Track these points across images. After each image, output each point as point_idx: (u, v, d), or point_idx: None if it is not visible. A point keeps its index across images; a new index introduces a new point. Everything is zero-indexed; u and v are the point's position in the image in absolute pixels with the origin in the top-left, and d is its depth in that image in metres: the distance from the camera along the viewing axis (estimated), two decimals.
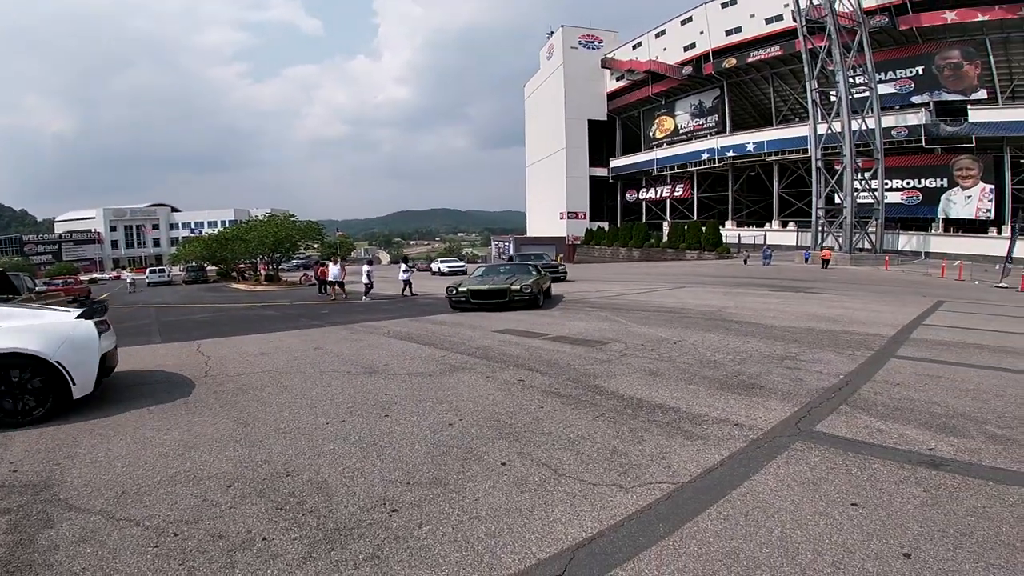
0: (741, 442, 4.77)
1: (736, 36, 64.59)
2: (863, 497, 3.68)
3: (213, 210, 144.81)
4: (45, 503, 4.07)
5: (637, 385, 6.85)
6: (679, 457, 4.45)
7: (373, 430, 5.43)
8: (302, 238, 47.45)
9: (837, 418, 5.39)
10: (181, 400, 6.95)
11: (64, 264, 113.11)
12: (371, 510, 3.70)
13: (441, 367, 8.37)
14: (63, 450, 5.26)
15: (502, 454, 4.64)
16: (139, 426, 5.90)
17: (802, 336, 10.19)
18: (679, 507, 3.62)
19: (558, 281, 26.82)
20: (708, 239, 59.47)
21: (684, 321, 12.48)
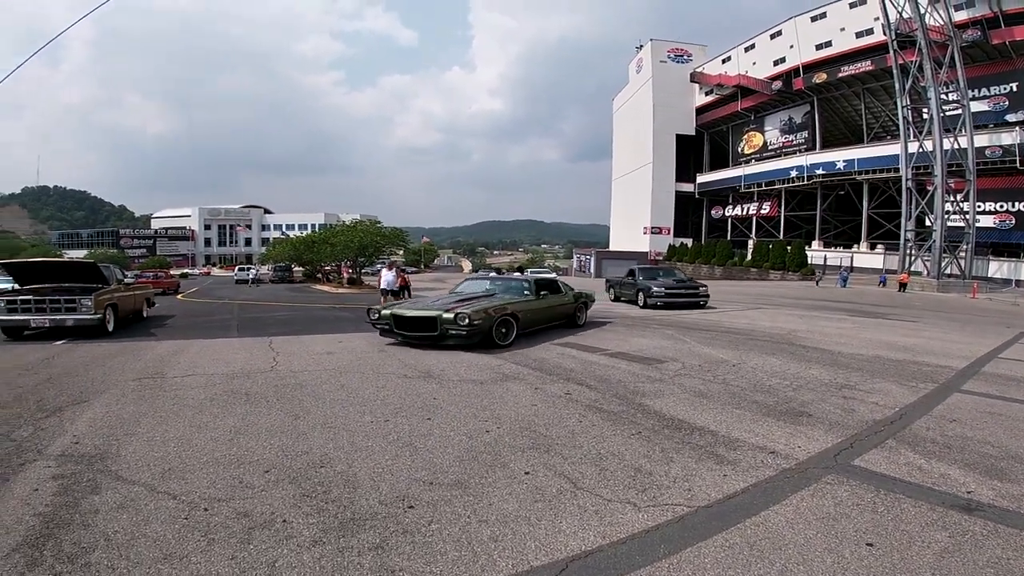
0: (771, 471, 4.71)
1: (826, 51, 62.58)
2: (881, 537, 3.57)
3: (304, 213, 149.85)
4: (96, 472, 4.53)
5: (682, 406, 6.82)
6: (703, 481, 4.44)
7: (413, 431, 5.68)
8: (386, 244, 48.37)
9: (879, 453, 5.22)
10: (244, 391, 7.42)
11: (157, 258, 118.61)
12: (389, 505, 3.93)
13: (494, 376, 8.54)
14: (124, 428, 5.74)
15: (528, 463, 4.76)
16: (198, 412, 6.40)
17: (867, 364, 9.87)
18: (686, 531, 3.62)
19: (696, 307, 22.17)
20: (793, 259, 57.58)
21: (750, 343, 12.26)
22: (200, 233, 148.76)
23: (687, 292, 22.90)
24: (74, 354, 10.63)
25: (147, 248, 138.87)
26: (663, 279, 24.14)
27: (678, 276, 26.00)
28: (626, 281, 25.75)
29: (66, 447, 5.17)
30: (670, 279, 24.45)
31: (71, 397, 7.20)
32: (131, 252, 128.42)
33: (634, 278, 24.80)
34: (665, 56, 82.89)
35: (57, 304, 13.52)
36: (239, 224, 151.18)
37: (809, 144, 67.68)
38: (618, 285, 26.56)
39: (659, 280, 23.72)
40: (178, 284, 44.07)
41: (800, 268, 56.50)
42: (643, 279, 24.04)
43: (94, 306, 13.51)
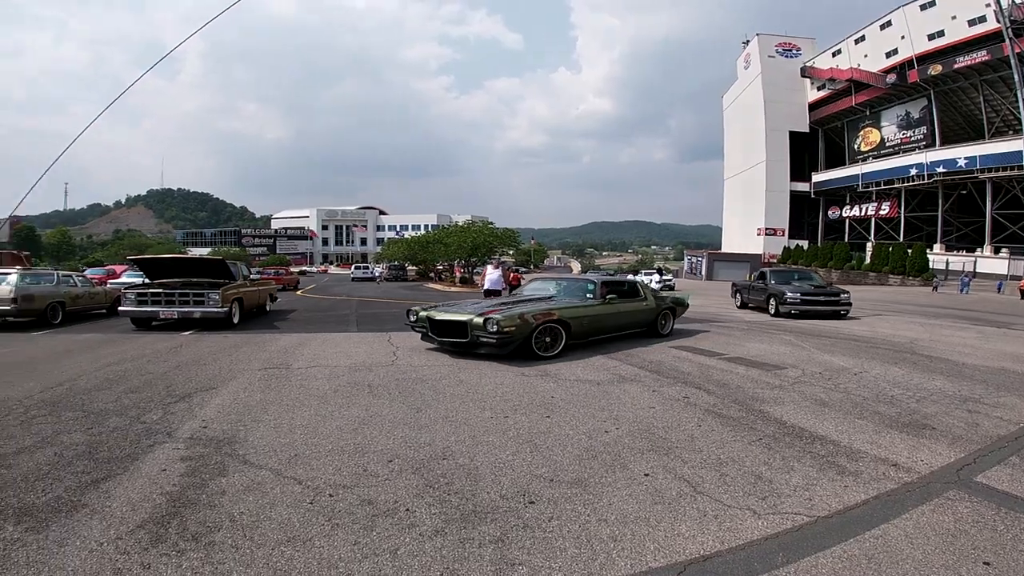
0: (892, 484, 4.55)
1: (939, 40, 59.43)
2: (999, 557, 3.43)
3: (417, 214, 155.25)
4: (224, 456, 4.79)
5: (803, 414, 6.65)
6: (823, 491, 4.34)
7: (532, 428, 5.75)
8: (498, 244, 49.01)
9: (1003, 469, 4.97)
10: (367, 384, 7.70)
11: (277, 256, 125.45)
12: (510, 499, 3.99)
13: (611, 376, 8.53)
14: (251, 415, 6.06)
15: (648, 465, 4.74)
16: (323, 402, 6.69)
17: (992, 377, 9.34)
18: (805, 540, 3.56)
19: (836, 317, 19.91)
20: (913, 263, 54.82)
21: (871, 351, 11.81)
22: (318, 233, 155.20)
23: (827, 299, 20.50)
24: (201, 344, 11.22)
25: (267, 247, 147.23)
26: (799, 283, 21.95)
27: (816, 280, 23.43)
28: (755, 285, 23.91)
29: (195, 431, 5.49)
30: (807, 283, 22.20)
31: (199, 384, 7.63)
32: (252, 250, 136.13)
33: (764, 282, 22.89)
34: (773, 51, 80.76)
35: (186, 297, 14.34)
36: (355, 224, 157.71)
37: (928, 140, 64.32)
38: (746, 290, 24.75)
39: (794, 284, 21.65)
40: (298, 281, 45.77)
41: (921, 273, 53.83)
42: (775, 283, 22.10)
43: (221, 300, 14.31)
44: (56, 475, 4.34)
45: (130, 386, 7.46)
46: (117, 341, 12.19)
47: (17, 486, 4.13)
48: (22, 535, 3.40)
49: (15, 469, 4.47)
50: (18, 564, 3.09)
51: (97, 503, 3.85)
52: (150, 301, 14.39)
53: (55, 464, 4.58)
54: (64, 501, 3.88)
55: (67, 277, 17.48)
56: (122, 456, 4.76)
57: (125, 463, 4.59)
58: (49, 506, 3.80)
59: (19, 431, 5.50)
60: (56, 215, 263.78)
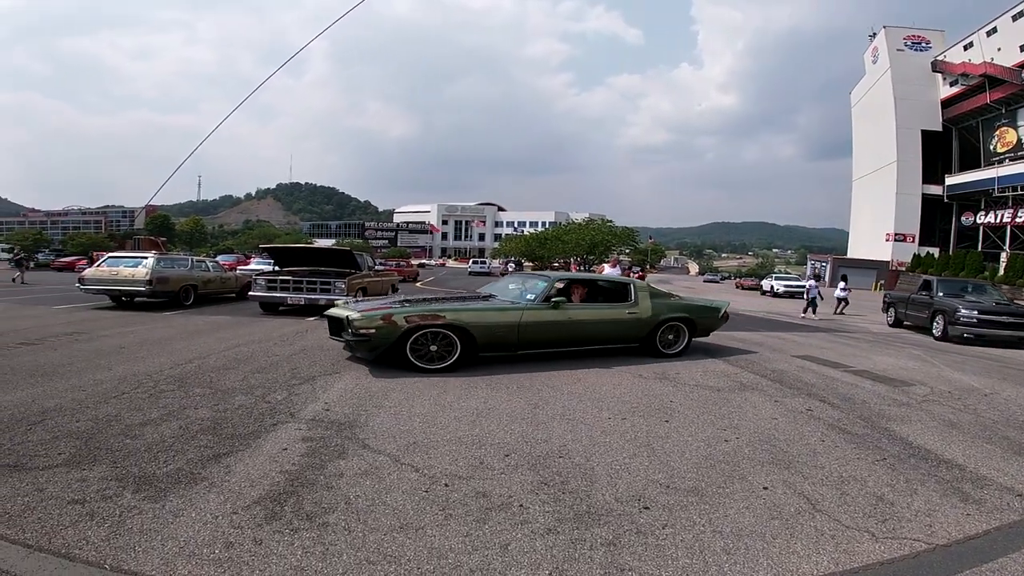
0: (1016, 515, 4.30)
1: None
2: None
3: (535, 211, 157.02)
4: (345, 439, 4.96)
5: (930, 435, 6.33)
6: (945, 518, 4.14)
7: (650, 432, 5.70)
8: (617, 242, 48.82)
9: None
10: (484, 377, 7.82)
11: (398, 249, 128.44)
12: (625, 503, 3.97)
13: (731, 384, 8.39)
14: (373, 400, 6.29)
15: (767, 479, 4.64)
16: (443, 392, 6.85)
17: None
18: (920, 568, 3.42)
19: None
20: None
21: (1004, 371, 11.15)
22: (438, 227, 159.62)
23: (1012, 321, 15.77)
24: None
25: (389, 239, 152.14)
26: (975, 297, 17.71)
27: (995, 295, 18.75)
28: (916, 298, 19.09)
29: (317, 412, 5.72)
30: (985, 298, 17.87)
31: (323, 368, 7.94)
32: (374, 242, 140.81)
33: (929, 293, 18.29)
34: (901, 44, 76.51)
35: (313, 285, 14.98)
36: (474, 220, 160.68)
37: None
38: (903, 303, 20.11)
39: (969, 299, 17.40)
40: (417, 273, 46.90)
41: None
42: (944, 295, 17.72)
43: (347, 289, 14.93)
44: (179, 447, 4.57)
45: (256, 366, 7.82)
46: (245, 324, 12.87)
47: (140, 456, 4.36)
48: (139, 503, 3.59)
49: (140, 440, 4.72)
50: (131, 531, 3.24)
51: (216, 477, 4.03)
52: (279, 287, 15.15)
53: (179, 437, 4.82)
54: (184, 473, 4.07)
55: (200, 262, 18.59)
56: (245, 433, 4.98)
57: (247, 440, 4.80)
58: (169, 477, 4.00)
59: (147, 404, 5.84)
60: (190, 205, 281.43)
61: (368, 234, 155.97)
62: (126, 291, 15.60)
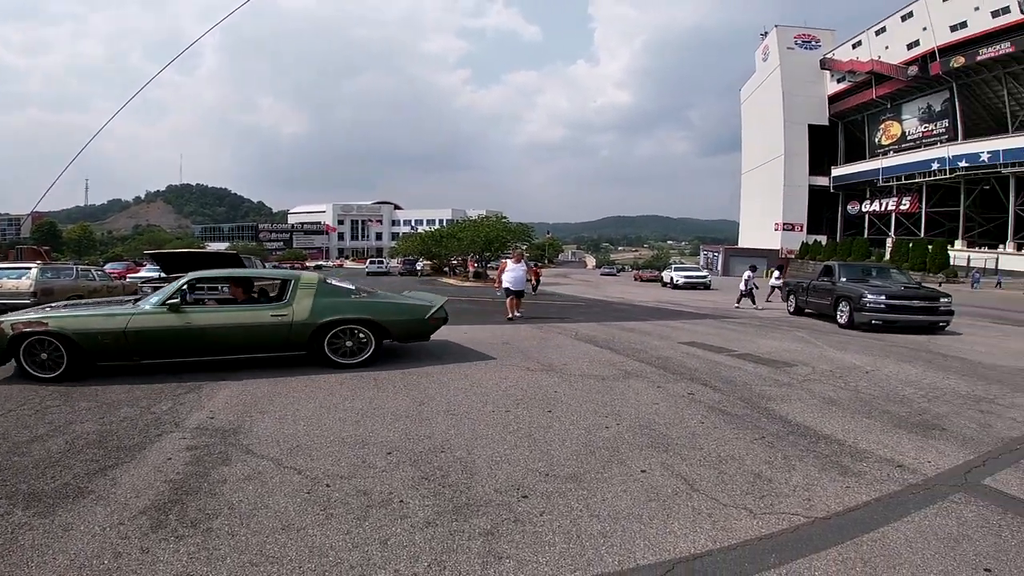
0: (896, 485, 4.51)
1: (962, 32, 59.20)
2: (1000, 564, 3.37)
3: (432, 209, 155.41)
4: (228, 446, 4.90)
5: (809, 412, 6.61)
6: (824, 491, 4.31)
7: (533, 423, 5.78)
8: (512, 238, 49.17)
9: (1014, 473, 4.87)
10: (372, 376, 7.77)
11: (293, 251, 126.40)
12: (504, 493, 4.03)
13: (616, 372, 8.54)
14: (258, 406, 6.19)
15: (646, 462, 4.75)
16: (330, 394, 6.79)
17: (1010, 377, 9.23)
18: (801, 541, 3.53)
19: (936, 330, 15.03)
20: (934, 260, 54.24)
21: (887, 350, 11.69)
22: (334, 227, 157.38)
23: (922, 306, 15.14)
24: None
25: (284, 241, 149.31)
26: (881, 282, 16.61)
27: (902, 278, 17.80)
28: (819, 285, 18.02)
29: (202, 421, 5.61)
30: (891, 282, 16.74)
31: (210, 375, 7.72)
32: (269, 245, 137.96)
33: (832, 279, 17.37)
34: (792, 43, 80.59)
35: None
36: (370, 219, 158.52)
37: (950, 134, 64.00)
38: (804, 291, 19.08)
39: (874, 284, 16.28)
40: None
41: (942, 269, 53.38)
42: (847, 281, 16.81)
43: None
44: (67, 462, 4.48)
45: (143, 377, 7.56)
46: None
47: (28, 473, 4.27)
48: (30, 519, 3.55)
49: (28, 457, 4.61)
50: (24, 547, 3.22)
51: (103, 490, 3.98)
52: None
53: (66, 452, 4.71)
54: (72, 487, 4.01)
55: (86, 271, 17.85)
56: (131, 445, 4.87)
57: (133, 452, 4.71)
58: (57, 492, 3.94)
59: (34, 420, 5.64)
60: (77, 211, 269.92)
61: (262, 236, 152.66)
62: (9, 304, 14.88)
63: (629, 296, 29.68)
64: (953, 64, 60.47)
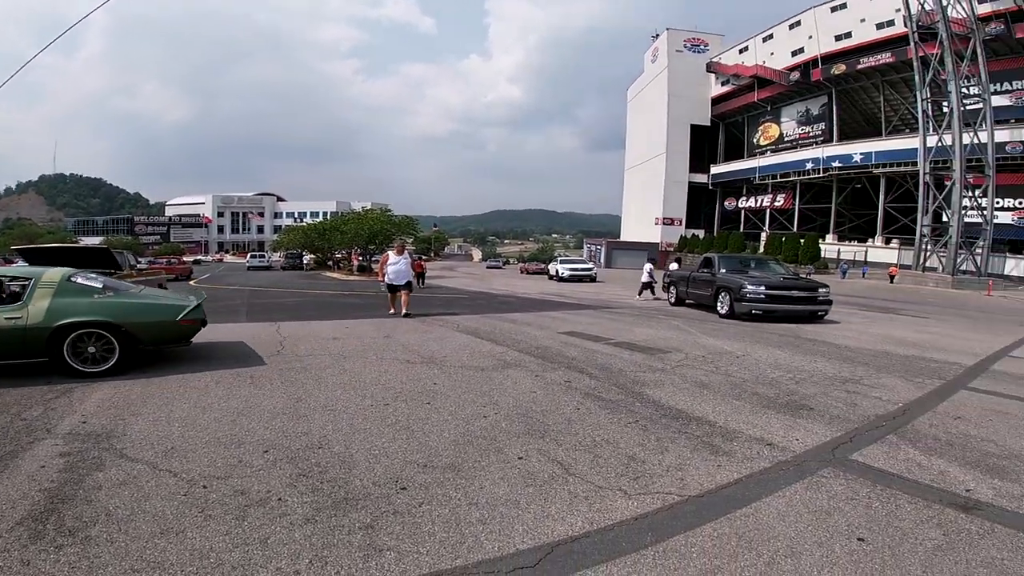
0: (766, 462, 4.71)
1: (846, 42, 62.51)
2: (873, 533, 3.55)
3: (317, 201, 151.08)
4: (102, 451, 4.67)
5: (682, 396, 6.85)
6: (696, 471, 4.46)
7: (411, 415, 5.77)
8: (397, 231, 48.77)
9: (879, 447, 5.20)
10: (248, 374, 7.55)
11: (170, 245, 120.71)
12: (382, 486, 4.02)
13: (495, 363, 8.62)
14: (131, 408, 5.90)
15: (522, 449, 4.83)
16: (204, 393, 6.52)
17: (873, 359, 9.85)
18: (675, 519, 3.65)
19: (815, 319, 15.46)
20: (806, 253, 57.34)
21: (757, 336, 12.24)
22: (214, 220, 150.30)
23: (801, 295, 15.57)
24: None
25: (161, 235, 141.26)
26: (759, 273, 17.06)
27: (779, 268, 18.23)
28: (699, 276, 18.20)
29: (74, 426, 5.31)
30: (770, 273, 17.09)
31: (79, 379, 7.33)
32: (145, 239, 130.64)
33: (711, 270, 17.46)
34: (682, 46, 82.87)
35: None
36: (252, 212, 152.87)
37: (826, 136, 67.59)
38: (685, 282, 19.30)
39: (753, 274, 16.68)
40: (190, 270, 44.36)
41: (813, 261, 56.28)
42: (726, 272, 16.93)
43: None
44: None
45: (10, 381, 7.11)
46: None
47: None
48: None
49: None
50: None
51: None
52: None
53: None
54: None
55: None
56: (2, 455, 4.59)
57: (5, 461, 4.44)
58: None
59: None
60: None
61: (138, 230, 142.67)
62: None
63: (514, 288, 29.98)
64: (834, 71, 63.84)
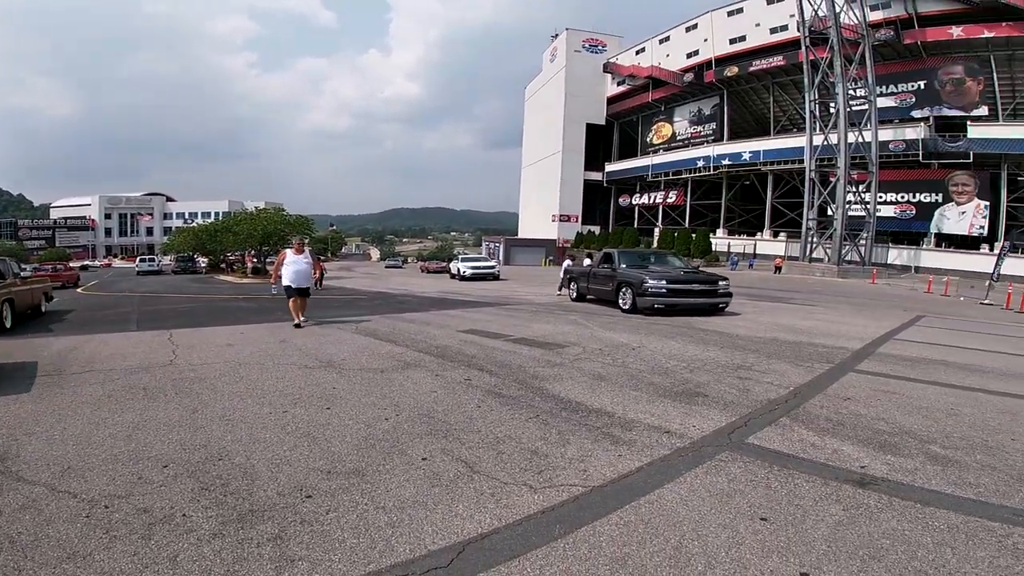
0: (666, 450, 4.84)
1: (740, 45, 64.78)
2: (775, 512, 3.71)
3: (208, 201, 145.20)
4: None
5: (580, 389, 6.99)
6: (598, 461, 4.55)
7: (312, 421, 5.68)
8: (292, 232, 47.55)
9: (773, 430, 5.43)
10: (142, 386, 7.24)
11: (56, 250, 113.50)
12: (287, 495, 3.96)
13: (395, 364, 8.57)
14: (24, 428, 5.58)
15: (426, 450, 4.83)
16: (97, 408, 6.24)
17: (764, 346, 10.27)
18: (582, 510, 3.73)
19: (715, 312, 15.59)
20: (698, 246, 59.40)
21: (650, 328, 12.53)
22: (101, 223, 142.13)
23: (702, 289, 15.66)
24: None
25: (46, 239, 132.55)
26: (660, 267, 16.93)
27: (678, 263, 18.30)
28: (599, 271, 18.10)
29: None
30: (670, 267, 17.09)
31: None
32: (29, 244, 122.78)
33: (612, 265, 17.33)
34: (580, 46, 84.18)
35: None
36: (141, 213, 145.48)
37: (717, 135, 69.87)
38: (585, 277, 19.33)
39: (654, 268, 16.55)
40: (78, 277, 42.18)
41: (705, 255, 58.25)
42: (626, 267, 16.90)
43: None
44: None
45: None
46: None
47: None
48: None
49: None
50: None
51: None
52: None
53: None
54: None
55: None
56: None
57: None
58: None
59: None
60: None
61: (22, 234, 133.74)
62: None
63: (413, 288, 29.76)
64: (727, 73, 65.95)
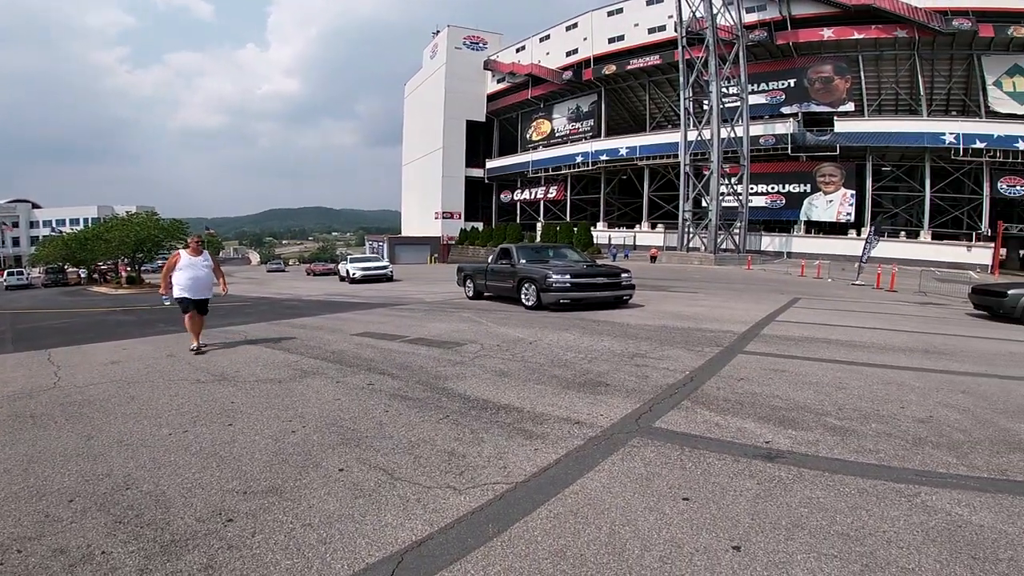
0: (579, 440, 4.93)
1: (618, 44, 66.68)
2: (695, 491, 3.85)
3: (76, 207, 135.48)
4: None
5: (485, 386, 7.01)
6: (516, 457, 4.59)
7: (215, 439, 5.38)
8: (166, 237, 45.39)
9: (677, 413, 5.63)
10: (28, 413, 6.63)
11: None
12: (207, 521, 3.73)
13: (292, 373, 8.26)
14: None
15: (341, 460, 4.70)
16: None
17: (655, 334, 10.57)
18: (511, 507, 3.75)
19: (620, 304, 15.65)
20: (580, 239, 60.40)
21: (543, 321, 12.72)
22: None
23: (605, 282, 15.54)
24: None
25: None
26: (560, 261, 16.80)
27: (577, 256, 18.05)
28: (497, 268, 17.59)
29: None
30: (571, 261, 16.96)
31: None
32: None
33: (511, 261, 16.87)
34: (461, 43, 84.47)
35: None
36: (5, 223, 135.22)
37: (595, 132, 71.74)
38: (482, 275, 18.66)
39: (554, 264, 16.35)
40: None
41: (587, 248, 59.46)
42: (526, 263, 16.53)
43: None
44: None
45: None
46: None
47: None
48: None
49: None
50: None
51: None
52: None
53: None
54: None
55: None
56: None
57: None
58: None
59: None
60: None
61: None
62: None
63: (300, 292, 29.05)
64: (604, 71, 67.71)
